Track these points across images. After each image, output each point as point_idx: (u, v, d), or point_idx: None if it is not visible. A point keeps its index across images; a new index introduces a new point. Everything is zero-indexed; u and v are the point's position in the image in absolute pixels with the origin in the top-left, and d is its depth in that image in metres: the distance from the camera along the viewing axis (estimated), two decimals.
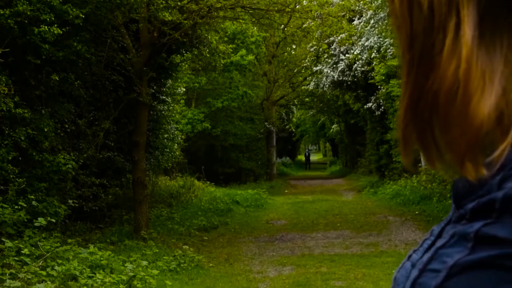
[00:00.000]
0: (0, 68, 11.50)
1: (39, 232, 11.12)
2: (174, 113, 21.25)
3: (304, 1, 18.58)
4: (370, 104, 29.74)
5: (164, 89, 19.38)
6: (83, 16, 12.48)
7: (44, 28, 11.65)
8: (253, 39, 32.80)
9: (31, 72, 12.75)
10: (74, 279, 9.77)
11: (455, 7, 0.72)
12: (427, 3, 0.74)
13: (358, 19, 26.68)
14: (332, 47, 30.12)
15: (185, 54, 18.10)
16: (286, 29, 25.76)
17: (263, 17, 17.60)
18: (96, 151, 15.53)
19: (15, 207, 10.87)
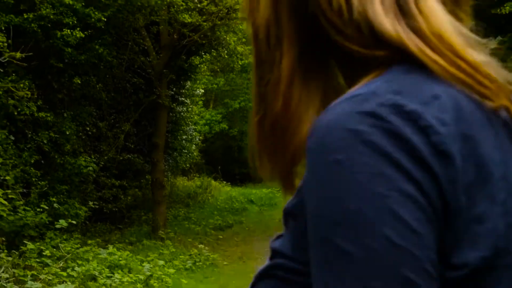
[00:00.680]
0: (24, 72, 11.59)
1: (60, 234, 11.22)
2: (193, 114, 21.31)
3: None
4: None
5: (183, 90, 19.44)
6: (105, 19, 12.51)
7: (67, 31, 11.72)
8: None
9: (54, 75, 12.86)
10: (93, 279, 9.84)
11: (281, 41, 0.84)
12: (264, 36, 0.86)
13: None
14: None
15: (204, 56, 18.19)
16: None
17: None
18: (116, 153, 15.65)
19: (37, 209, 10.96)
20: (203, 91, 23.59)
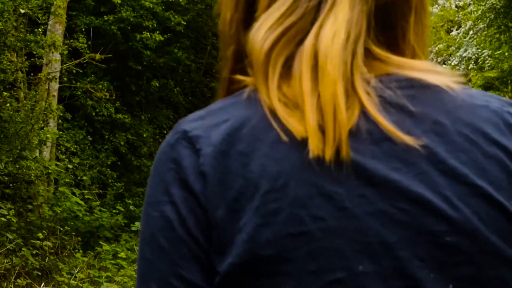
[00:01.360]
0: (102, 73, 11.72)
1: (136, 237, 11.24)
2: None
3: None
4: None
5: None
6: (185, 23, 12.61)
7: (146, 34, 11.84)
8: None
9: (132, 78, 12.96)
10: None
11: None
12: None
13: (457, 29, 26.13)
14: (429, 57, 29.65)
15: None
16: None
17: None
18: None
19: (113, 211, 11.04)
20: None
